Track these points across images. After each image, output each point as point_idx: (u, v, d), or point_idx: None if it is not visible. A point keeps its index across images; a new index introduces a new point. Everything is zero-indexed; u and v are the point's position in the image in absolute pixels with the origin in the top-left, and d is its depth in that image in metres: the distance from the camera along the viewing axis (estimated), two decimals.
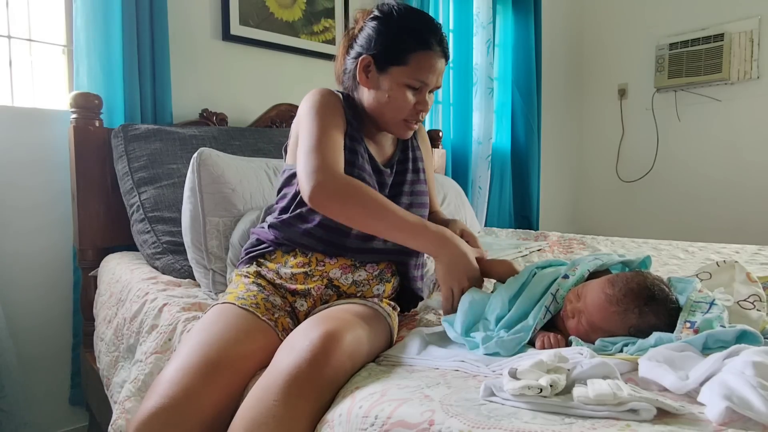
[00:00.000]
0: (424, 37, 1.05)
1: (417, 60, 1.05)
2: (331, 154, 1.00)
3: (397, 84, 1.06)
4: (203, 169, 1.37)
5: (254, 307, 0.98)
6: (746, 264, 1.59)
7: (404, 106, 1.07)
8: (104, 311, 1.47)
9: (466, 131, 2.73)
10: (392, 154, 1.20)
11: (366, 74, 1.09)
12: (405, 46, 1.05)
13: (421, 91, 1.08)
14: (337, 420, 0.70)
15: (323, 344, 0.78)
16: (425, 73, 1.06)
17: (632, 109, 3.40)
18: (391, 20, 1.07)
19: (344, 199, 0.96)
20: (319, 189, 0.96)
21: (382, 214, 0.97)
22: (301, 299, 1.06)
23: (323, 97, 1.10)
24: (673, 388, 0.63)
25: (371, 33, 1.08)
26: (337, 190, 0.96)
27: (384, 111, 1.09)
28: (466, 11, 2.68)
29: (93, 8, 1.64)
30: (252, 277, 1.08)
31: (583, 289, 0.89)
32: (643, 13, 3.31)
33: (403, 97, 1.07)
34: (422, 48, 1.05)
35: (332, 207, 0.98)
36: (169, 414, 0.80)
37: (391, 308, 1.06)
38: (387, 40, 1.06)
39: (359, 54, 1.09)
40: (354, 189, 0.97)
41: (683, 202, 3.20)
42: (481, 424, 0.58)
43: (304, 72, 2.24)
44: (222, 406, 0.84)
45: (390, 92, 1.07)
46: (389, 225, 0.98)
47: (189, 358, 0.86)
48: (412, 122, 1.11)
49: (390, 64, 1.06)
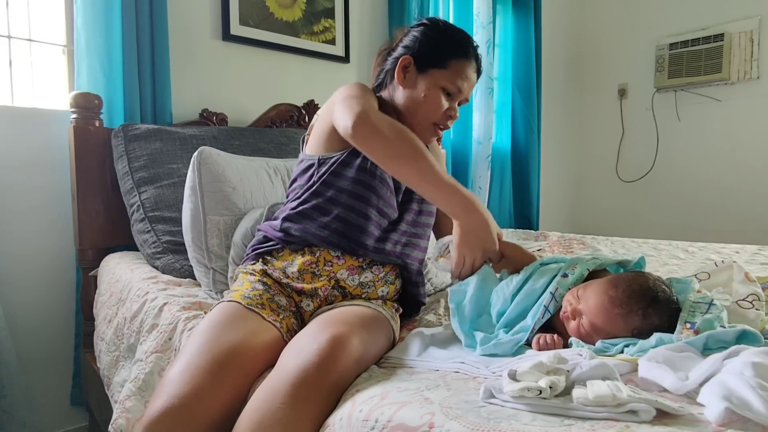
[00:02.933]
0: (465, 46, 1.13)
1: (457, 66, 1.11)
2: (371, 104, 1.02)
3: (435, 86, 1.11)
4: (204, 167, 1.37)
5: (260, 308, 0.98)
6: (746, 264, 1.59)
7: (438, 109, 1.12)
8: (104, 311, 1.47)
9: (466, 131, 2.73)
10: None
11: (404, 73, 1.13)
12: (447, 51, 1.11)
13: (454, 97, 1.13)
14: (338, 424, 0.71)
15: (331, 348, 0.78)
16: (462, 79, 1.12)
17: (632, 109, 3.40)
18: (437, 28, 1.15)
19: (388, 132, 0.96)
20: (363, 119, 0.96)
21: (421, 161, 0.96)
22: (308, 299, 1.06)
23: (362, 87, 1.11)
24: (673, 389, 0.63)
25: (416, 35, 1.14)
26: (382, 124, 0.97)
27: (418, 111, 1.13)
28: (466, 11, 2.68)
29: (93, 8, 1.64)
30: (258, 275, 1.07)
31: (583, 290, 0.88)
32: (643, 13, 3.31)
33: (438, 99, 1.11)
34: (463, 56, 1.12)
35: (375, 139, 0.96)
36: (179, 413, 0.80)
37: (394, 311, 1.06)
38: (431, 42, 1.12)
39: (400, 54, 1.14)
40: (399, 127, 0.99)
41: (683, 202, 3.20)
42: (480, 427, 0.58)
43: (304, 72, 2.24)
44: (230, 405, 0.84)
45: (426, 92, 1.11)
46: (424, 173, 0.97)
47: (197, 357, 0.86)
48: (440, 127, 1.15)
49: (430, 66, 1.11)
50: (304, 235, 1.07)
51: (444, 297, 1.32)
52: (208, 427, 0.81)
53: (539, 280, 0.96)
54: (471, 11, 2.69)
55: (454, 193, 0.99)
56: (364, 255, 1.07)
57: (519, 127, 3.00)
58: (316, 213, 1.07)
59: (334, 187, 1.07)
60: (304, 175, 1.13)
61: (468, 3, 2.68)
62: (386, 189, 1.09)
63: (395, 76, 1.14)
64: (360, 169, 1.06)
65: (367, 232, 1.06)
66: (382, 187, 1.08)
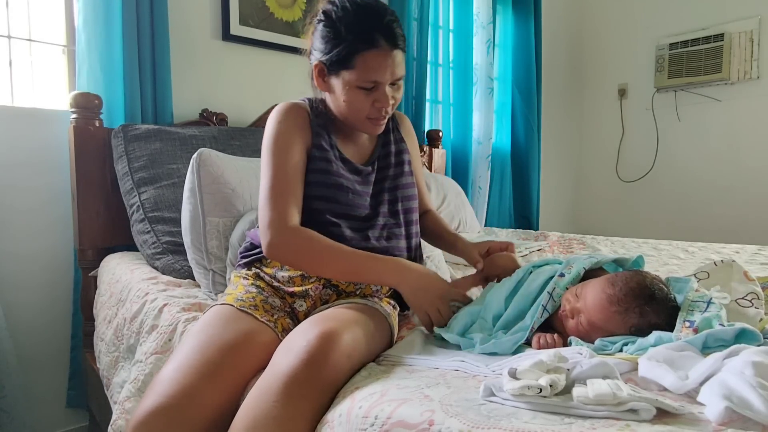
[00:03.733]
0: (367, 35, 0.99)
1: (363, 61, 1.00)
2: (283, 205, 1.02)
3: (350, 87, 1.03)
4: (203, 169, 1.36)
5: (253, 309, 0.99)
6: (746, 264, 1.59)
7: (361, 108, 1.05)
8: (104, 311, 1.47)
9: (466, 131, 2.73)
10: (372, 151, 1.18)
11: (322, 79, 1.08)
12: (349, 48, 1.00)
13: (377, 88, 1.03)
14: (337, 420, 0.71)
15: (320, 344, 0.78)
16: (374, 72, 1.01)
17: (632, 109, 3.40)
18: (333, 22, 1.02)
19: (295, 254, 1.01)
20: (272, 248, 1.01)
21: (335, 260, 1.01)
22: (300, 300, 1.06)
23: (280, 121, 1.09)
24: (673, 388, 0.63)
25: (319, 37, 1.05)
26: (286, 248, 1.01)
27: (344, 113, 1.08)
28: (466, 11, 2.68)
29: (93, 8, 1.64)
30: (251, 279, 1.08)
31: (582, 289, 0.89)
32: (643, 13, 3.31)
33: (358, 98, 1.03)
34: (366, 48, 0.99)
35: (286, 261, 1.04)
36: (168, 413, 0.80)
37: (392, 307, 1.06)
38: (332, 44, 1.02)
39: (314, 60, 1.08)
40: (303, 242, 1.01)
41: (683, 202, 3.20)
42: (480, 424, 0.58)
43: (304, 72, 2.22)
44: (222, 406, 0.84)
45: (344, 96, 1.04)
46: (344, 268, 1.01)
47: (189, 358, 0.86)
48: (376, 119, 1.07)
49: (339, 68, 1.02)
50: None
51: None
52: (198, 427, 0.81)
53: (535, 281, 0.96)
54: (471, 11, 2.70)
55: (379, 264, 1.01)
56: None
57: (519, 127, 3.00)
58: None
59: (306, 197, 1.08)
60: None
61: (468, 3, 2.68)
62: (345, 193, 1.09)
63: (315, 84, 1.10)
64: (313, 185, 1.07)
65: (344, 237, 1.07)
66: (339, 194, 1.08)
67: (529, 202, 3.07)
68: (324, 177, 1.07)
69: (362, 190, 1.12)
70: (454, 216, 2.21)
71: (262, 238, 1.02)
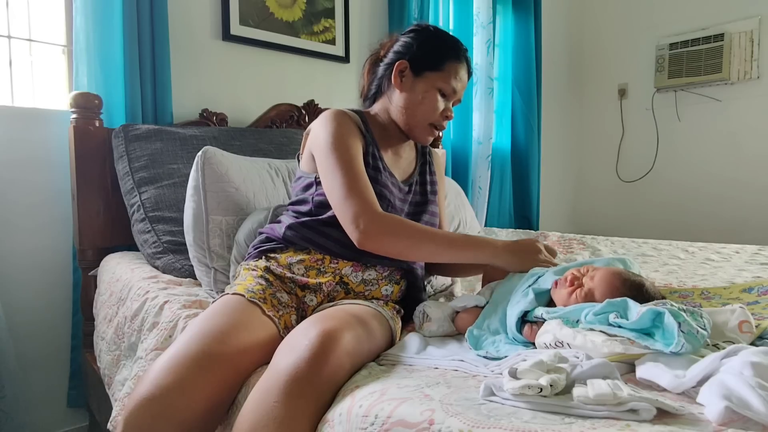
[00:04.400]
0: (457, 50, 1.17)
1: (451, 68, 1.15)
2: (365, 195, 1.03)
3: (432, 87, 1.15)
4: (207, 167, 1.36)
5: (261, 302, 0.99)
6: (746, 264, 1.59)
7: (435, 110, 1.16)
8: (104, 310, 1.47)
9: (466, 131, 2.73)
10: (411, 175, 1.26)
11: (401, 77, 1.17)
12: (441, 53, 1.16)
13: (449, 98, 1.18)
14: (338, 419, 0.71)
15: (322, 343, 0.78)
16: (456, 80, 1.16)
17: (632, 109, 3.40)
18: (429, 32, 1.19)
19: (391, 237, 1.02)
20: (367, 236, 1.01)
21: (428, 241, 1.04)
22: (311, 294, 1.07)
23: (339, 123, 1.12)
24: (670, 387, 0.63)
25: (409, 41, 1.18)
26: (382, 232, 1.02)
27: (416, 113, 1.16)
28: (466, 11, 2.68)
29: (93, 8, 1.64)
30: (260, 271, 1.09)
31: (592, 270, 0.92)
32: (643, 13, 3.31)
33: (436, 100, 1.16)
34: (456, 58, 1.16)
35: (382, 248, 1.03)
36: (158, 404, 0.80)
37: (395, 312, 1.07)
38: (425, 46, 1.16)
39: (393, 60, 1.17)
40: (396, 225, 1.03)
41: (683, 202, 3.20)
42: (480, 424, 0.58)
43: (304, 72, 2.24)
44: (216, 399, 0.84)
45: (424, 94, 1.15)
46: (438, 248, 1.05)
47: (186, 347, 0.86)
48: (437, 127, 1.19)
49: (426, 69, 1.15)
50: (307, 244, 1.10)
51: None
52: (190, 418, 0.81)
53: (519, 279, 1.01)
54: (471, 11, 2.69)
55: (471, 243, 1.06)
56: (366, 262, 1.10)
57: (519, 127, 3.00)
58: (318, 225, 1.11)
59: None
60: (305, 192, 1.17)
61: (468, 3, 2.68)
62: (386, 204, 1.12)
63: (392, 81, 1.17)
64: None
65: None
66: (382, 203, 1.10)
67: (529, 202, 3.07)
68: (373, 184, 1.09)
69: (399, 207, 1.18)
70: (454, 216, 2.21)
71: (352, 231, 1.02)
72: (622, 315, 0.76)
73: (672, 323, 0.69)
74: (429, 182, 1.28)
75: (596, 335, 0.75)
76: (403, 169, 1.24)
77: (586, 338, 0.75)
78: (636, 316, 0.73)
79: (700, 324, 0.73)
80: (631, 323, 0.73)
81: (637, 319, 0.72)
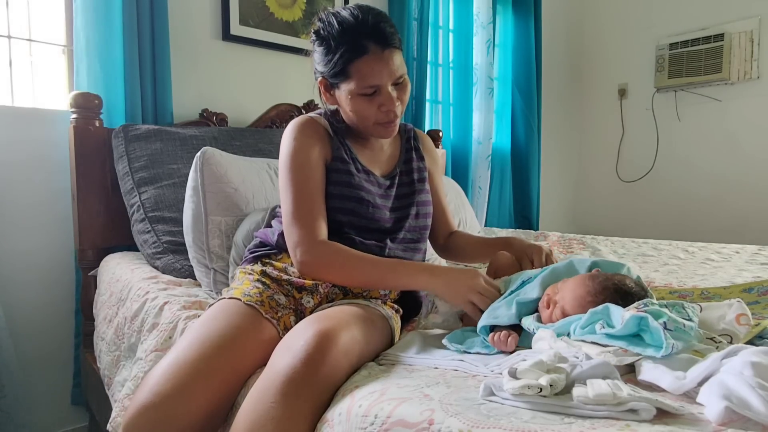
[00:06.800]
0: (354, 43, 1.01)
1: (357, 69, 1.01)
2: (308, 222, 1.03)
3: (352, 97, 1.05)
4: (206, 168, 1.37)
5: (259, 305, 0.99)
6: (746, 264, 1.59)
7: (368, 114, 1.06)
8: (104, 311, 1.47)
9: (466, 131, 2.73)
10: (394, 165, 1.21)
11: (328, 93, 1.11)
12: (341, 59, 1.02)
13: (379, 92, 1.04)
14: (337, 419, 0.71)
15: (318, 343, 0.78)
16: (370, 78, 1.02)
17: (632, 109, 3.39)
18: (324, 39, 1.05)
19: (326, 268, 1.03)
20: (303, 266, 1.03)
21: (365, 271, 1.02)
22: (308, 296, 1.07)
23: (300, 136, 1.09)
24: (671, 389, 0.63)
25: (316, 55, 1.09)
26: (317, 263, 1.02)
27: (354, 123, 1.10)
28: (466, 11, 2.68)
29: (93, 8, 1.64)
30: (257, 274, 1.08)
31: (563, 283, 0.91)
32: (643, 13, 3.31)
33: (363, 106, 1.05)
34: (356, 56, 1.01)
35: (319, 277, 1.04)
36: (158, 411, 0.80)
37: (394, 311, 1.07)
38: (327, 59, 1.05)
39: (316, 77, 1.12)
40: (331, 255, 1.02)
41: (683, 202, 3.20)
42: (480, 424, 0.58)
43: (304, 72, 2.23)
44: (215, 404, 0.84)
45: (349, 106, 1.07)
46: (375, 277, 1.02)
47: (185, 353, 0.86)
48: (385, 123, 1.08)
49: (338, 81, 1.06)
50: None
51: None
52: (189, 425, 0.81)
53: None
54: (471, 11, 2.70)
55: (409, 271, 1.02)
56: None
57: (519, 127, 3.00)
58: None
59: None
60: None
61: (468, 3, 2.68)
62: (366, 206, 1.10)
63: (324, 99, 1.13)
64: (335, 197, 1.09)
65: (363, 244, 1.09)
66: (360, 207, 1.09)
67: (529, 202, 3.07)
68: (345, 190, 1.09)
69: (382, 203, 1.14)
70: (454, 216, 2.21)
71: (293, 256, 1.04)
72: (608, 322, 0.75)
73: (657, 327, 0.69)
74: (416, 169, 1.22)
75: (589, 347, 0.74)
76: (383, 162, 1.20)
77: (580, 351, 0.75)
78: (621, 322, 0.72)
79: (684, 315, 0.73)
80: (617, 331, 0.72)
81: (623, 327, 0.71)
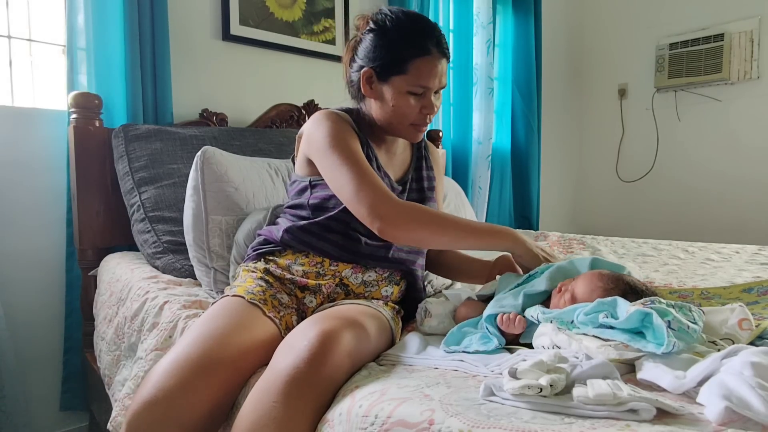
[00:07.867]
0: (420, 42, 1.06)
1: (416, 67, 1.05)
2: (378, 185, 1.01)
3: (400, 92, 1.07)
4: (207, 167, 1.36)
5: (262, 303, 0.99)
6: (746, 264, 1.59)
7: (409, 113, 1.09)
8: (104, 311, 1.47)
9: (466, 131, 2.73)
10: (406, 171, 1.23)
11: (369, 86, 1.11)
12: (403, 55, 1.05)
13: (424, 95, 1.09)
14: (338, 419, 0.71)
15: (321, 343, 0.78)
16: (426, 78, 1.06)
17: (632, 109, 3.39)
18: (386, 31, 1.07)
19: (414, 224, 0.99)
20: (388, 224, 0.98)
21: (451, 227, 1.02)
22: (311, 295, 1.07)
23: (333, 123, 1.09)
24: (671, 389, 0.63)
25: (369, 45, 1.09)
26: (404, 219, 0.99)
27: (391, 119, 1.11)
28: (466, 11, 2.68)
29: (93, 8, 1.64)
30: (260, 272, 1.08)
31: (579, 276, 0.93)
32: (643, 13, 3.31)
33: (407, 104, 1.08)
34: (420, 54, 1.05)
35: (405, 234, 1.00)
36: (161, 407, 0.80)
37: (395, 312, 1.07)
38: (385, 51, 1.07)
39: (361, 67, 1.11)
40: (418, 211, 1.01)
41: (683, 202, 3.20)
42: (480, 424, 0.58)
43: (304, 72, 2.23)
44: (218, 401, 0.84)
45: (394, 101, 1.08)
46: (457, 235, 1.02)
47: (188, 350, 0.86)
48: (420, 125, 1.12)
49: (391, 74, 1.07)
50: (306, 248, 1.10)
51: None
52: (193, 421, 0.81)
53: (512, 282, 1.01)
54: (471, 11, 2.69)
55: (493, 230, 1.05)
56: (366, 264, 1.10)
57: (519, 127, 3.00)
58: (316, 228, 1.10)
59: (328, 208, 1.09)
60: (300, 197, 1.16)
61: (468, 3, 2.68)
62: None
63: (363, 91, 1.12)
64: None
65: (368, 245, 1.09)
66: None
67: (529, 202, 3.07)
68: None
69: None
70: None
71: (372, 221, 0.99)
72: (612, 314, 0.76)
73: (660, 324, 0.69)
74: (426, 178, 1.24)
75: (590, 341, 0.74)
76: (397, 167, 1.22)
77: (581, 345, 0.75)
78: (625, 315, 0.73)
79: (690, 318, 0.73)
80: (620, 322, 0.73)
81: (626, 319, 0.72)
